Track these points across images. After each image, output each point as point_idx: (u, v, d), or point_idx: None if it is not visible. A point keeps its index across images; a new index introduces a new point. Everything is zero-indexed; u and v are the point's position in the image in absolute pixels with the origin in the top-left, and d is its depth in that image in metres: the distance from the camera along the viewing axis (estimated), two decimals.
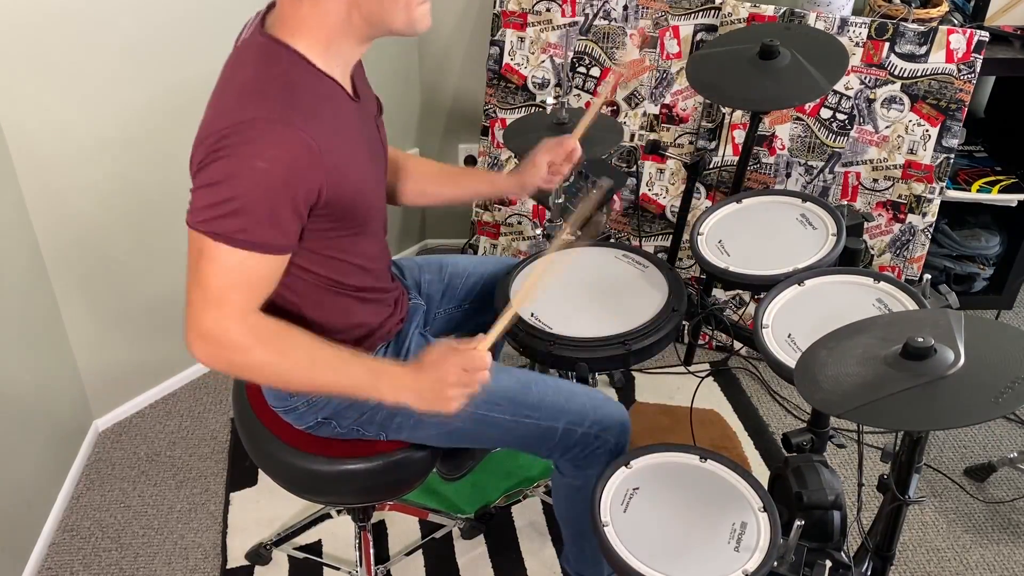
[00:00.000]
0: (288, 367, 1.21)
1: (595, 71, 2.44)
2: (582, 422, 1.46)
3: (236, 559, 1.93)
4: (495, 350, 1.86)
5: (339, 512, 1.90)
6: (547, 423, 1.45)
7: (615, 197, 1.89)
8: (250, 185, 1.09)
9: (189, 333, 1.16)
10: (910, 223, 2.36)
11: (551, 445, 1.47)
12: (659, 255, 1.86)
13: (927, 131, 2.26)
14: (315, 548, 1.95)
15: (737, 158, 2.19)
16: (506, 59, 2.48)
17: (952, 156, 2.28)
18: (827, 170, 2.35)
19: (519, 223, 2.66)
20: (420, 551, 1.94)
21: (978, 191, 2.44)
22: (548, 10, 2.41)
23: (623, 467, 1.37)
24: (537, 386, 1.47)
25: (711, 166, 2.41)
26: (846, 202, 2.37)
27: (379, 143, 1.38)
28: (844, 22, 2.22)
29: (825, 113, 2.31)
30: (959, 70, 2.20)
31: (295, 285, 1.27)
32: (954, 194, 2.41)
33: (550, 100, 1.71)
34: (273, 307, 1.29)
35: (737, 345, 2.50)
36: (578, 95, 2.47)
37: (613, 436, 1.48)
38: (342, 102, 1.23)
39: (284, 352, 1.20)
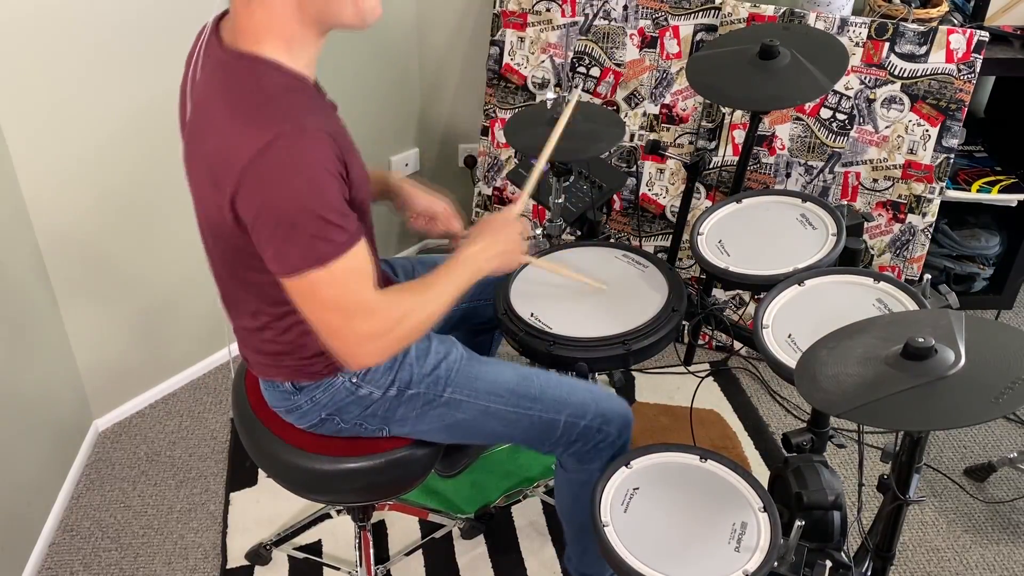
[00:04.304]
0: (430, 306, 1.28)
1: (595, 71, 2.44)
2: (584, 415, 1.46)
3: (236, 559, 1.93)
4: (491, 347, 1.87)
5: (339, 512, 1.90)
6: (549, 416, 1.45)
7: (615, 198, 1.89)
8: (309, 203, 1.11)
9: (352, 355, 1.22)
10: (910, 223, 2.36)
11: (553, 439, 1.48)
12: (659, 255, 1.86)
13: (927, 131, 2.26)
14: (315, 548, 1.95)
15: (737, 158, 2.19)
16: (506, 59, 2.48)
17: (952, 156, 2.28)
18: (827, 170, 2.35)
19: None
20: (420, 551, 1.94)
21: (978, 191, 2.44)
22: (548, 10, 2.41)
23: (623, 467, 1.37)
24: (538, 379, 1.48)
25: (711, 166, 2.41)
26: (846, 202, 2.37)
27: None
28: (844, 22, 2.22)
29: (825, 113, 2.31)
30: (959, 70, 2.20)
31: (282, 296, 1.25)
32: (954, 194, 2.41)
33: (550, 95, 1.71)
34: (269, 321, 1.31)
35: (737, 345, 2.50)
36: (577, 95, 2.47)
37: (615, 429, 1.49)
38: (317, 97, 1.24)
39: (420, 300, 1.28)
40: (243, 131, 1.11)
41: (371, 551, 1.72)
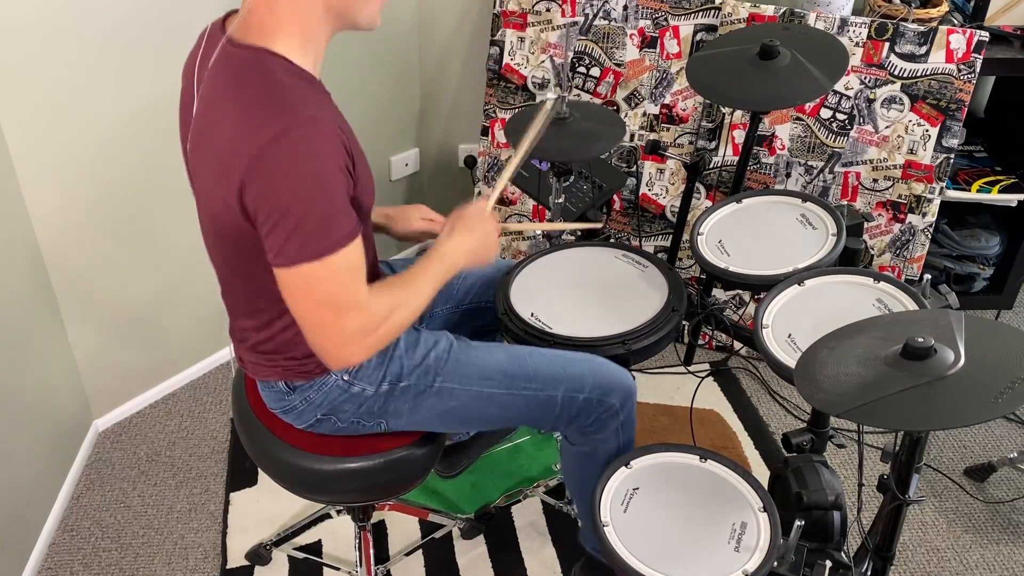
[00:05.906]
0: (413, 302, 1.29)
1: (595, 71, 2.44)
2: (582, 388, 1.44)
3: (236, 559, 1.93)
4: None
5: (339, 512, 1.90)
6: (545, 393, 1.44)
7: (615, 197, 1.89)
8: (314, 196, 1.11)
9: (337, 353, 1.21)
10: (910, 223, 2.36)
11: (554, 416, 1.47)
12: (659, 255, 1.86)
13: (927, 131, 2.26)
14: (315, 548, 1.95)
15: (737, 158, 2.19)
16: (506, 59, 2.48)
17: (952, 156, 2.28)
18: (827, 170, 2.35)
19: (519, 223, 2.66)
20: (420, 551, 1.94)
21: (978, 191, 2.44)
22: (548, 10, 2.41)
23: (623, 467, 1.37)
24: (532, 357, 1.46)
25: (711, 166, 2.41)
26: (846, 202, 2.37)
27: None
28: (844, 22, 2.22)
29: (825, 113, 2.31)
30: (959, 70, 2.20)
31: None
32: (954, 194, 2.41)
33: (550, 95, 1.72)
34: (267, 320, 1.31)
35: (737, 345, 2.50)
36: (578, 95, 2.47)
37: (617, 399, 1.47)
38: (324, 93, 1.24)
39: (403, 297, 1.28)
40: (253, 121, 1.11)
41: (371, 551, 1.72)
